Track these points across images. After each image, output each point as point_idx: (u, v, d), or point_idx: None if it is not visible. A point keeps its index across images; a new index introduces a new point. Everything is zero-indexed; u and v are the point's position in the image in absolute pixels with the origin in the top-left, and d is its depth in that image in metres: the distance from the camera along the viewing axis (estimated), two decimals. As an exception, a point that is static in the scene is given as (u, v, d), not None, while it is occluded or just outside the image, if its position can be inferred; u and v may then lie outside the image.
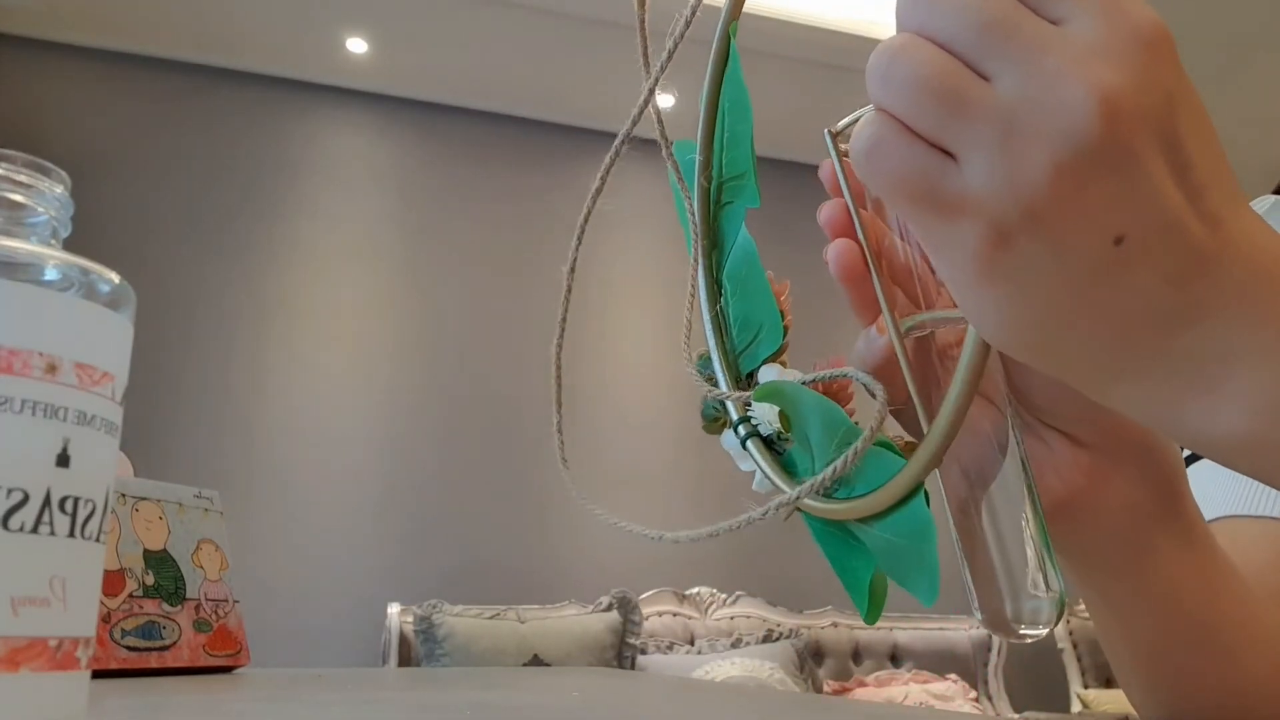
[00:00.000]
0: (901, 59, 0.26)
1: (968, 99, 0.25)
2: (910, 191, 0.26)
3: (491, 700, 0.55)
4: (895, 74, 0.26)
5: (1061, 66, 0.24)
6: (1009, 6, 0.25)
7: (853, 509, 0.37)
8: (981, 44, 0.25)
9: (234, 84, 3.44)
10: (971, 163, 0.25)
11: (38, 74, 3.27)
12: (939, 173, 0.26)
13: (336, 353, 3.37)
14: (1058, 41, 0.25)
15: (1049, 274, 0.26)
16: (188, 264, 3.28)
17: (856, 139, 0.27)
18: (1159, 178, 0.25)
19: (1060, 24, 0.25)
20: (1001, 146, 0.25)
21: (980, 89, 0.25)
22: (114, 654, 0.63)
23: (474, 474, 3.40)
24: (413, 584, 3.20)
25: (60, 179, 0.27)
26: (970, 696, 3.21)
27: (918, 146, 0.26)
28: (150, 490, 0.72)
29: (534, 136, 3.71)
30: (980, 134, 0.25)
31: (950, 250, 0.27)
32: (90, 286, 0.25)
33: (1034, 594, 0.33)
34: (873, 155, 0.27)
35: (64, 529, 0.24)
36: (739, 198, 0.45)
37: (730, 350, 0.45)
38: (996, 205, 0.25)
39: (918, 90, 0.26)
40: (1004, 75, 0.25)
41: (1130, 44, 0.25)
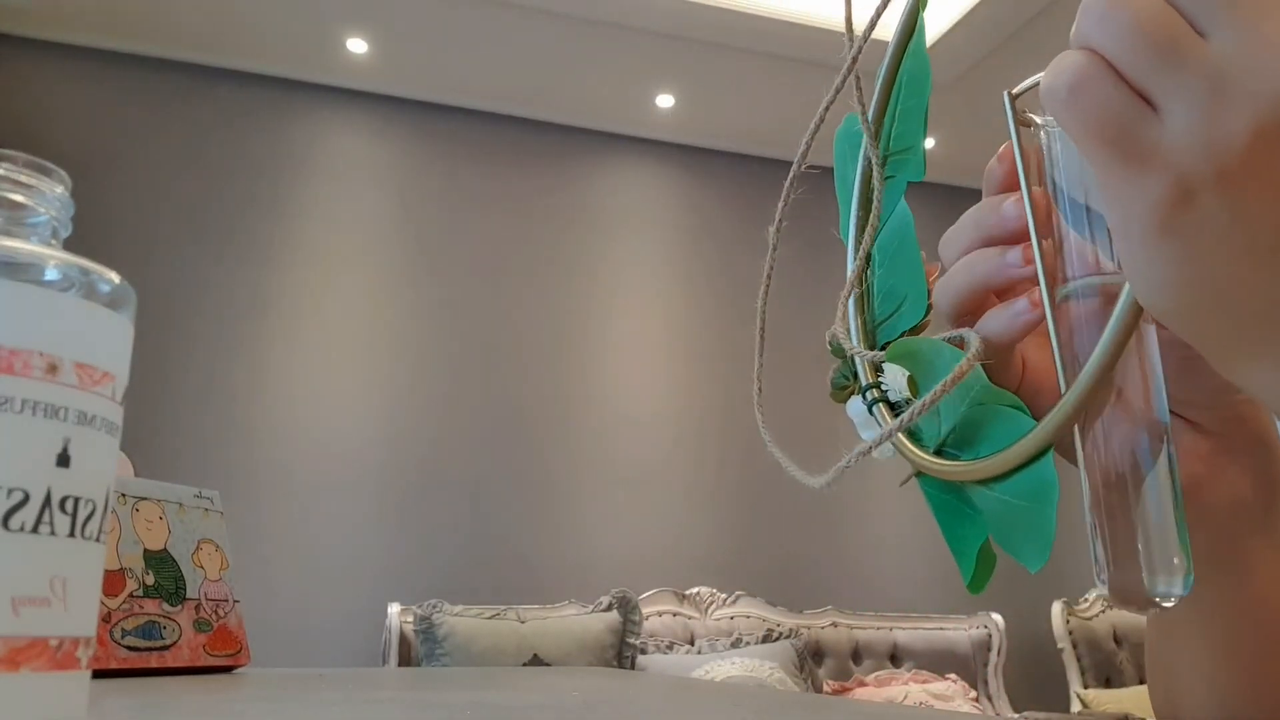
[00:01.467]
0: (1122, 2, 0.26)
1: (1182, 50, 0.25)
2: (1106, 134, 0.27)
3: (491, 700, 0.55)
4: (1114, 14, 0.26)
5: (1278, 34, 0.24)
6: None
7: (976, 469, 0.37)
8: (1204, 1, 0.25)
9: (234, 84, 3.44)
10: (1173, 114, 0.25)
11: (38, 74, 3.26)
12: (1139, 119, 0.26)
13: (337, 353, 3.37)
14: (1277, 9, 0.25)
15: (1223, 239, 0.26)
16: (188, 264, 3.28)
17: (1058, 74, 0.27)
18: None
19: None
20: (1208, 102, 0.25)
21: (1195, 42, 0.25)
22: (114, 654, 0.63)
23: (474, 474, 3.40)
24: (413, 584, 3.20)
25: (60, 179, 0.27)
26: (970, 696, 3.21)
27: (1122, 90, 0.26)
28: (150, 490, 0.72)
29: (534, 136, 3.71)
30: (1188, 86, 0.25)
31: (1131, 201, 0.27)
32: (90, 286, 0.25)
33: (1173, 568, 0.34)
34: (1076, 91, 0.27)
35: (64, 529, 0.24)
36: (902, 171, 0.45)
37: (870, 320, 0.45)
38: (1190, 160, 0.25)
39: (1135, 34, 0.26)
40: (1222, 33, 0.25)
41: None
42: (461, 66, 3.44)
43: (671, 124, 3.76)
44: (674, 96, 3.59)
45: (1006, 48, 3.21)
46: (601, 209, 3.74)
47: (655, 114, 3.71)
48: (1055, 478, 0.35)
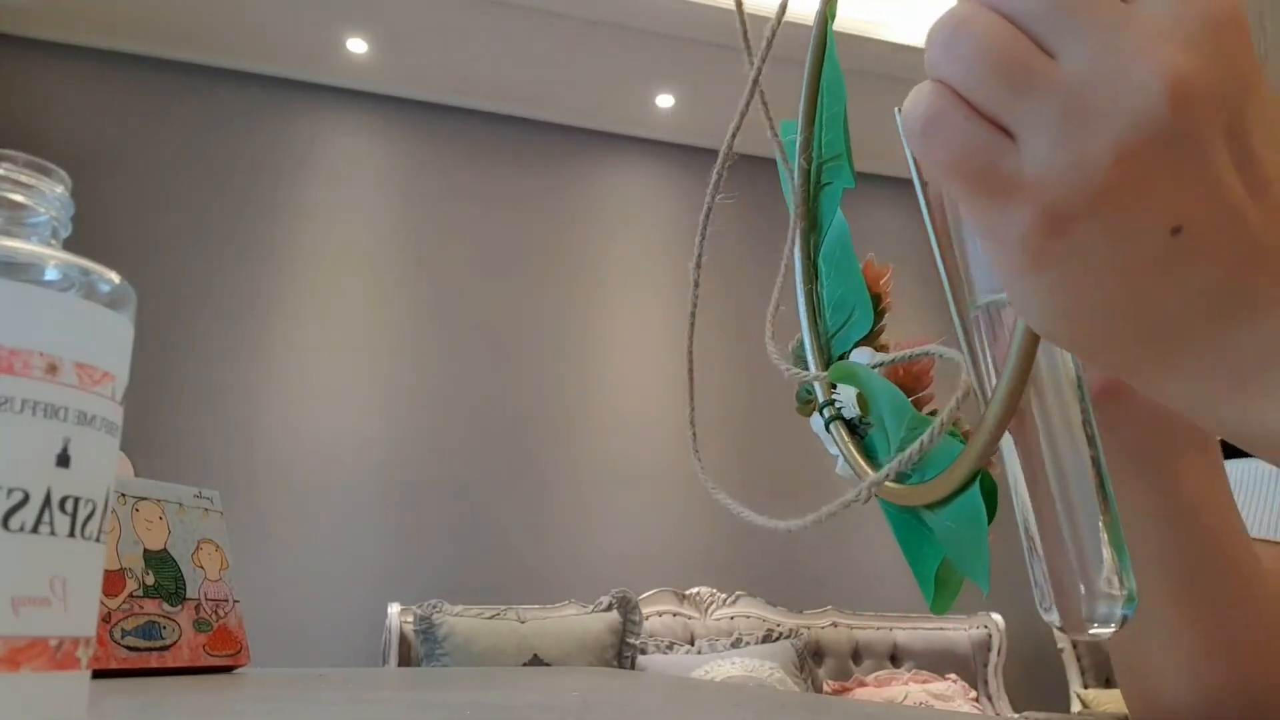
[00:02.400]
0: (965, 29, 0.25)
1: (1032, 74, 0.24)
2: (964, 170, 0.25)
3: (491, 700, 0.55)
4: (958, 44, 0.25)
5: (1132, 45, 0.23)
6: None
7: (917, 494, 0.37)
8: (1050, 18, 0.24)
9: (234, 84, 3.44)
10: (1031, 143, 0.24)
11: (38, 74, 3.27)
12: (996, 151, 0.25)
13: (337, 353, 3.37)
14: (1129, 19, 0.24)
15: (1102, 263, 0.25)
16: (188, 264, 3.28)
17: (911, 110, 0.26)
18: (1222, 167, 0.24)
19: (1132, 1, 0.24)
20: (1063, 127, 0.24)
21: (1046, 65, 0.24)
22: (114, 654, 0.63)
23: (474, 474, 3.40)
24: (413, 584, 3.20)
25: (60, 179, 0.27)
26: (970, 696, 3.21)
27: (975, 122, 0.25)
28: (150, 490, 0.72)
29: (534, 136, 3.71)
30: (1042, 113, 0.24)
31: (1000, 234, 0.26)
32: (90, 286, 0.25)
33: (1109, 593, 0.33)
34: (928, 129, 0.26)
35: (64, 529, 0.24)
36: (837, 178, 0.45)
37: (823, 333, 0.45)
38: (1054, 189, 0.24)
39: (981, 63, 0.24)
40: (1072, 51, 0.24)
41: (1203, 26, 0.24)
42: (461, 66, 3.44)
43: (671, 124, 3.76)
44: (674, 96, 3.59)
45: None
46: (601, 209, 3.74)
47: (655, 114, 3.71)
48: (980, 506, 0.35)
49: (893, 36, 3.20)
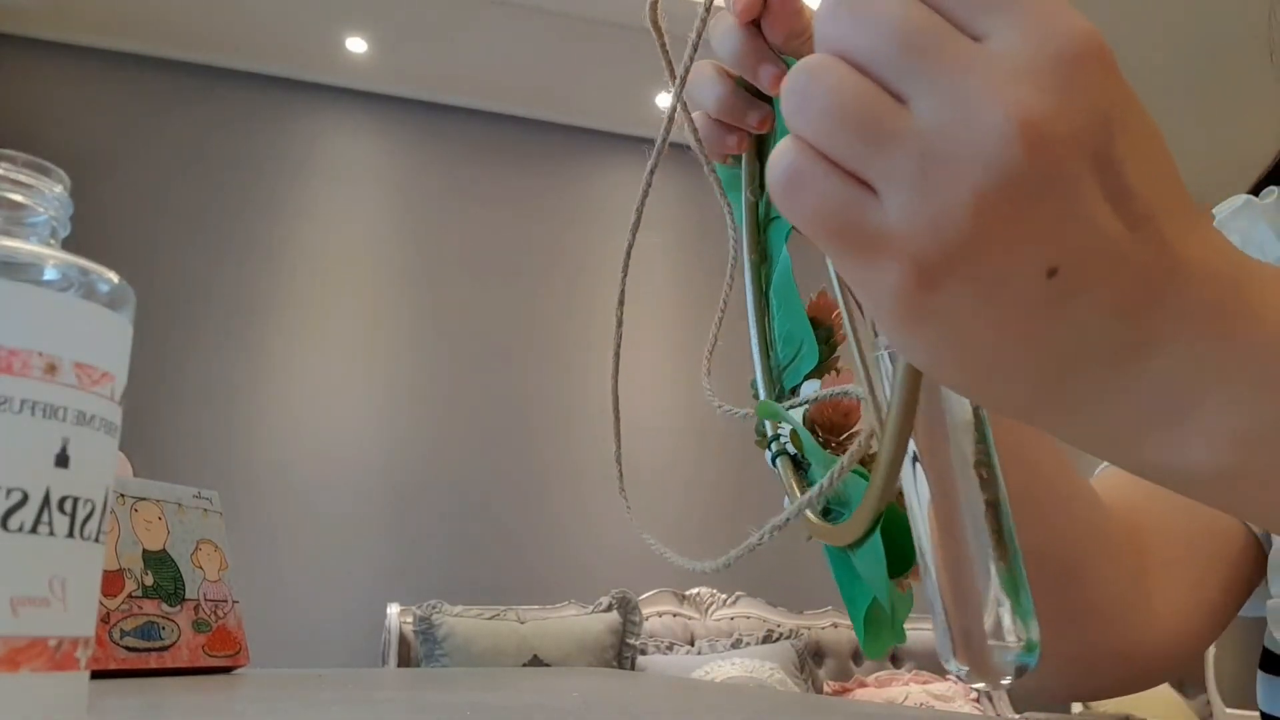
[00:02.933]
0: (817, 83, 0.24)
1: (884, 127, 0.23)
2: (829, 228, 0.24)
3: (491, 700, 0.55)
4: (810, 100, 0.24)
5: (981, 88, 0.22)
6: (930, 22, 0.23)
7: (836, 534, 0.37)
8: (899, 64, 0.23)
9: (234, 84, 3.44)
10: (891, 197, 0.23)
11: (38, 74, 3.27)
12: (858, 208, 0.24)
13: (336, 353, 3.37)
14: (979, 60, 0.23)
15: (979, 313, 0.24)
16: (187, 264, 3.28)
17: (773, 169, 0.25)
18: (1092, 205, 0.23)
19: (983, 40, 0.23)
20: (920, 179, 0.23)
21: (897, 116, 0.23)
22: (113, 654, 0.63)
23: (474, 474, 3.40)
24: (413, 584, 3.20)
25: (60, 179, 0.27)
26: (971, 697, 3.21)
27: (835, 179, 0.24)
28: (150, 490, 0.72)
29: (534, 136, 3.71)
30: (898, 166, 0.23)
31: (873, 290, 0.25)
32: (90, 286, 0.25)
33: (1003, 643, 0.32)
34: (789, 189, 0.25)
35: (63, 529, 0.24)
36: None
37: (775, 366, 0.45)
38: (918, 243, 0.23)
39: (833, 118, 0.23)
40: (922, 100, 0.23)
41: (1058, 60, 0.23)
42: (461, 66, 3.44)
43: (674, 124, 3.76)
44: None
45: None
46: (602, 208, 3.74)
47: (656, 114, 3.71)
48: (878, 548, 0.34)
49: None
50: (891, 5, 0.23)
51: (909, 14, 0.23)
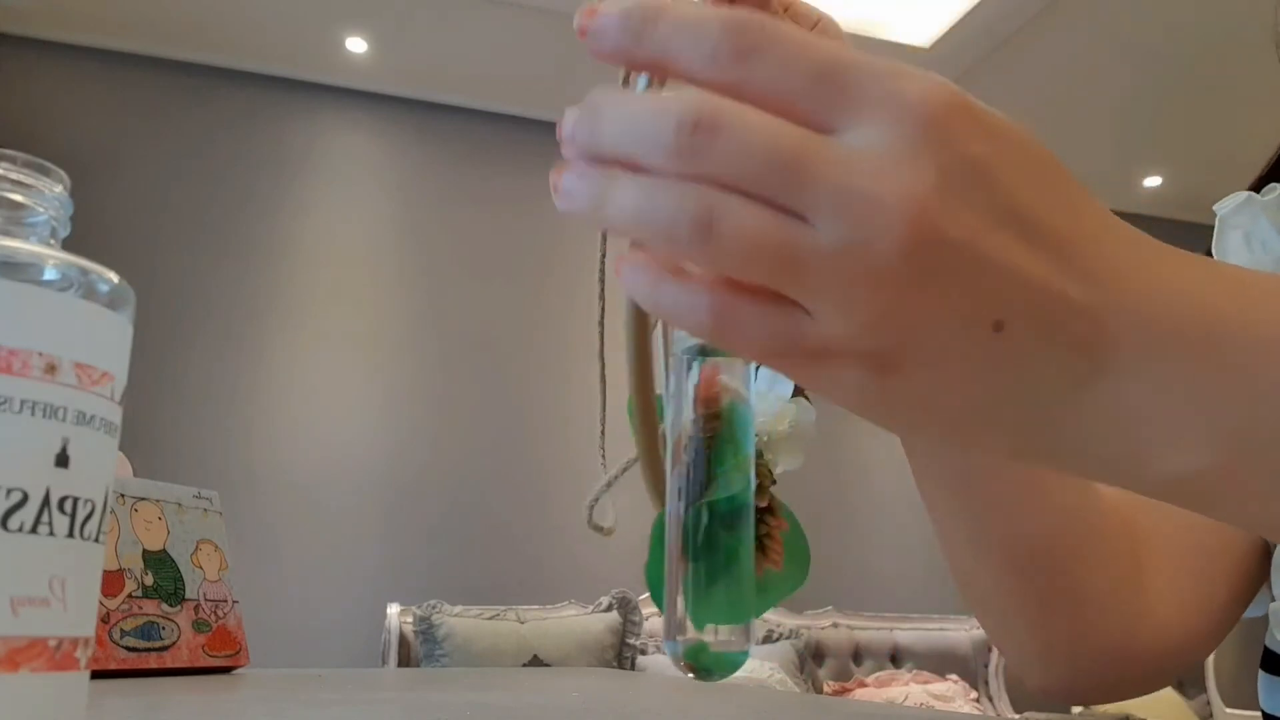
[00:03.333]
0: (724, 218, 0.23)
1: (796, 255, 0.23)
2: (774, 354, 0.24)
3: (491, 700, 0.55)
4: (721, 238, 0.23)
5: (863, 189, 0.22)
6: (794, 137, 0.23)
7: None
8: (785, 187, 0.23)
9: (234, 84, 3.44)
10: (822, 313, 0.23)
11: (38, 74, 3.26)
12: (796, 329, 0.24)
13: (336, 352, 3.37)
14: (849, 162, 0.23)
15: (942, 381, 0.24)
16: (187, 264, 3.28)
17: (692, 311, 0.24)
18: (1008, 252, 0.23)
19: (842, 135, 0.23)
20: (844, 292, 0.23)
21: (803, 235, 0.23)
22: (113, 654, 0.63)
23: (474, 474, 3.40)
24: (413, 584, 3.20)
25: (59, 179, 0.27)
26: (971, 697, 3.21)
27: (764, 309, 0.24)
28: (150, 490, 0.72)
29: (534, 136, 3.71)
30: (820, 286, 0.23)
31: (836, 392, 0.25)
32: (89, 286, 0.25)
33: (678, 638, 0.36)
34: (724, 330, 0.24)
35: (63, 529, 0.24)
36: None
37: None
38: (863, 344, 0.24)
39: (747, 252, 0.23)
40: (817, 216, 0.23)
41: (915, 130, 0.23)
42: (462, 66, 3.44)
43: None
44: (674, 97, 3.59)
45: (1006, 48, 3.21)
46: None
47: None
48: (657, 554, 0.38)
49: (893, 36, 3.20)
50: (752, 130, 0.23)
51: (775, 133, 0.23)
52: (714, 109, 0.23)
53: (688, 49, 0.24)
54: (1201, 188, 4.06)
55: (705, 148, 0.23)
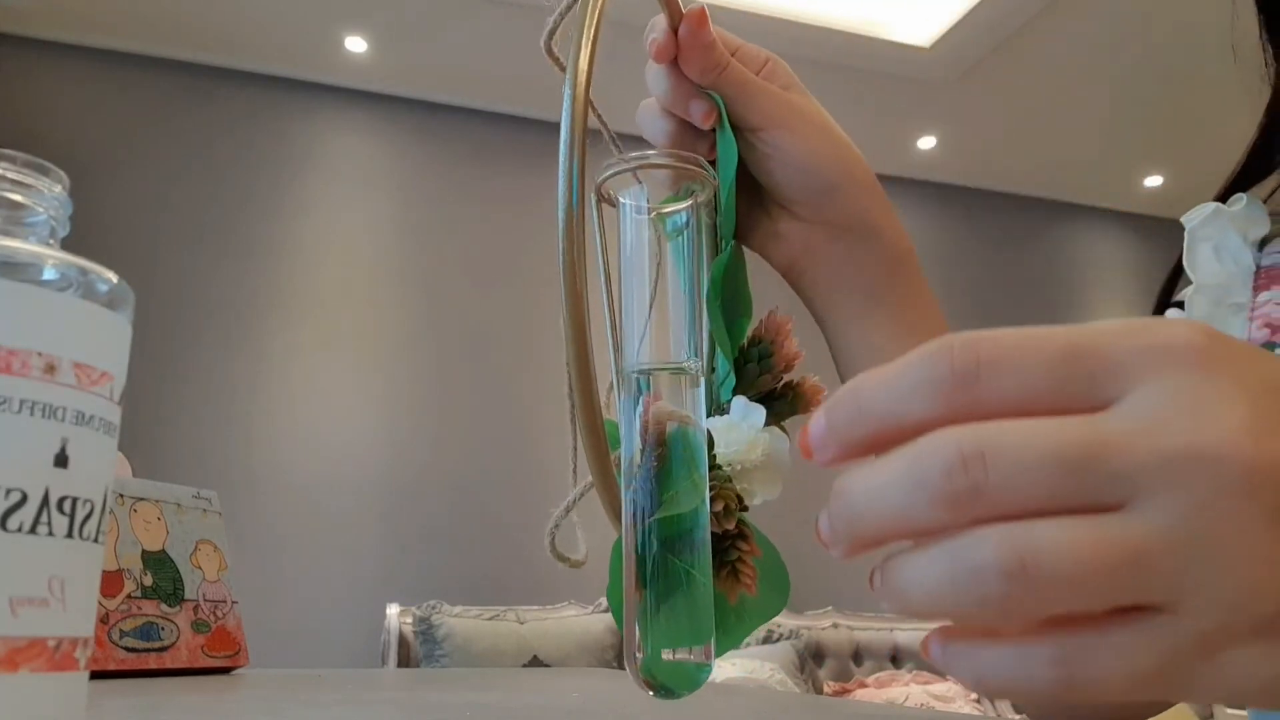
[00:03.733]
0: (1037, 550, 0.20)
1: (1137, 556, 0.20)
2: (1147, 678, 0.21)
3: (491, 701, 0.55)
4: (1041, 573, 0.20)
5: (1181, 448, 0.20)
6: (1072, 429, 0.20)
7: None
8: (1087, 485, 0.20)
9: (234, 84, 3.44)
10: (1188, 603, 0.20)
11: (38, 74, 3.26)
12: (1164, 638, 0.20)
13: (336, 352, 3.37)
14: (1147, 429, 0.20)
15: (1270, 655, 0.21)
16: (186, 264, 3.28)
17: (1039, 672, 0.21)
18: None
19: (1114, 409, 0.21)
20: (1206, 567, 0.20)
21: (1134, 531, 0.20)
22: (112, 655, 0.63)
23: (474, 474, 3.40)
24: (412, 584, 3.19)
25: (59, 179, 0.26)
26: (971, 698, 3.21)
27: (1111, 632, 0.21)
28: (149, 490, 0.72)
29: (534, 136, 3.71)
30: (1174, 573, 0.20)
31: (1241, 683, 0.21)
32: (89, 286, 0.25)
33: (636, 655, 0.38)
34: (1084, 674, 0.21)
35: (62, 529, 0.24)
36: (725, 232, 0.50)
37: (716, 381, 0.49)
38: (1248, 615, 0.20)
39: (1078, 575, 0.20)
40: (1139, 499, 0.20)
41: (1199, 371, 0.21)
42: (461, 66, 3.44)
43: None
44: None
45: (1006, 48, 3.21)
46: (603, 208, 3.74)
47: (655, 114, 3.72)
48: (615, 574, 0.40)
49: (893, 36, 3.20)
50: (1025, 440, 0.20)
51: (1050, 433, 0.20)
52: (973, 437, 0.20)
53: (909, 398, 0.22)
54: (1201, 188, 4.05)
55: (982, 483, 0.20)
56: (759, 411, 0.44)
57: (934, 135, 3.79)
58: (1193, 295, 0.54)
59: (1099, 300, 4.32)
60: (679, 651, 0.37)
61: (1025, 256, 4.26)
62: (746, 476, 0.43)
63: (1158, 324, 0.21)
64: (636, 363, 0.39)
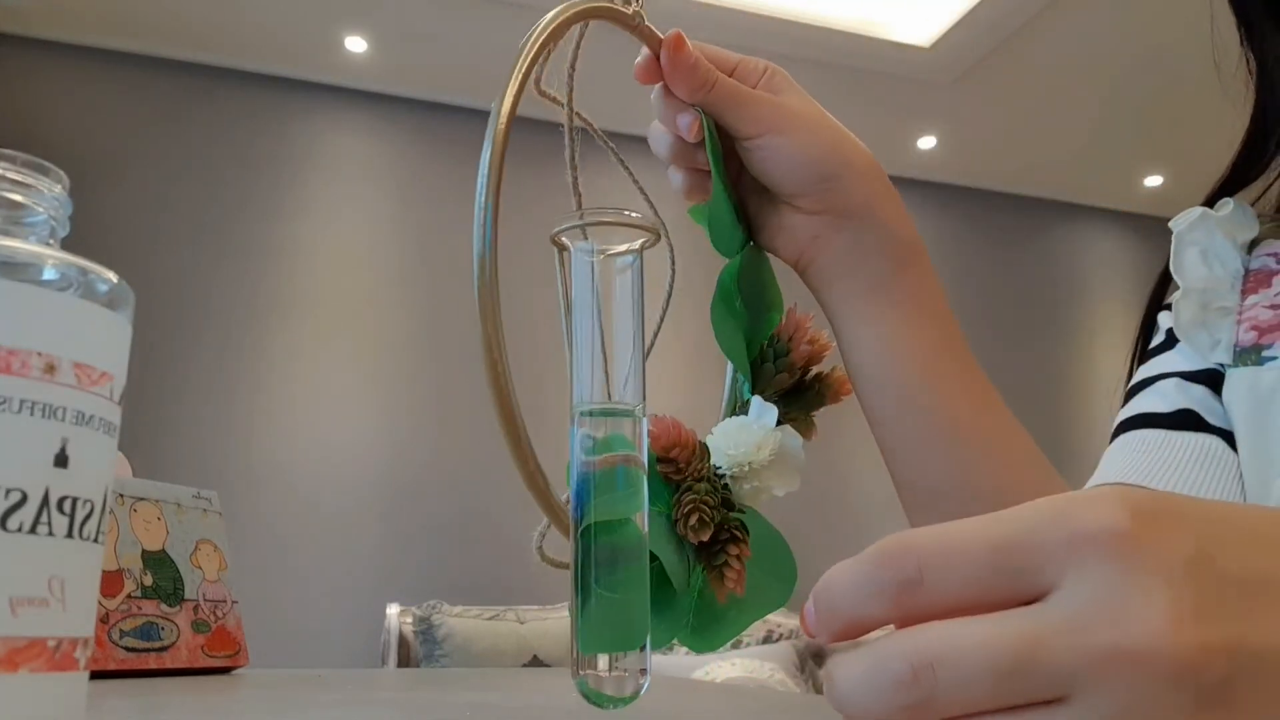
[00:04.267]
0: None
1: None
2: None
3: (491, 700, 0.55)
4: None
5: (1113, 645, 0.21)
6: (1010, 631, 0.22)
7: None
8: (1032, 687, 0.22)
9: (234, 84, 3.44)
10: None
11: (38, 74, 3.26)
12: None
13: (336, 352, 3.37)
14: (1080, 626, 0.22)
15: None
16: (186, 263, 3.28)
17: None
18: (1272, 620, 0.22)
19: (1049, 600, 0.22)
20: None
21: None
22: (112, 655, 0.63)
23: (474, 474, 3.40)
24: (412, 584, 3.19)
25: (59, 179, 0.26)
26: (970, 697, 3.21)
27: None
28: (149, 490, 0.72)
29: (534, 136, 3.69)
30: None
31: None
32: (89, 286, 0.25)
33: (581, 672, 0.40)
34: None
35: (62, 529, 0.24)
36: None
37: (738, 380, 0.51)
38: None
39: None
40: (1077, 695, 0.21)
41: (1125, 561, 0.22)
42: (461, 65, 3.44)
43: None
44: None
45: (1006, 48, 3.21)
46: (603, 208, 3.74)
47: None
48: None
49: (893, 36, 3.20)
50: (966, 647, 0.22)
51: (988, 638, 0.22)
52: (923, 650, 0.23)
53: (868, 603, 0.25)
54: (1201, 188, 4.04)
55: (933, 691, 0.22)
56: (771, 411, 0.47)
57: (934, 135, 3.79)
58: (1180, 299, 0.55)
59: (1099, 300, 4.32)
60: (616, 666, 0.39)
61: (1025, 256, 4.26)
62: (757, 474, 0.46)
63: (1079, 508, 0.22)
64: (581, 402, 0.43)
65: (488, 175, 0.41)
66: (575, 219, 0.45)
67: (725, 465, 0.46)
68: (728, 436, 0.46)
